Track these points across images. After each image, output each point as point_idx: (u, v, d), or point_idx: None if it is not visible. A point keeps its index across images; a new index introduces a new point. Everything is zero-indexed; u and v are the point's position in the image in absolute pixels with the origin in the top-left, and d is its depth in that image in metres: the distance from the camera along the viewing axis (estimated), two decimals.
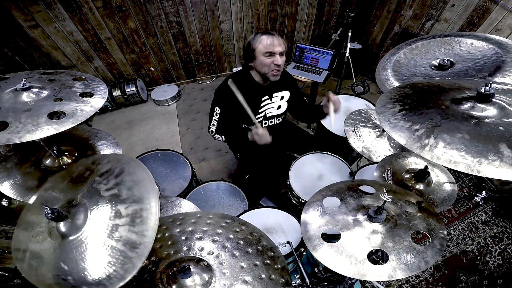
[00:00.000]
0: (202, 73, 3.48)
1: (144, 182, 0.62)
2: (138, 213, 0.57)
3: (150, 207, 0.58)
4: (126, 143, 2.69)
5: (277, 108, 1.53)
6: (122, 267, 0.52)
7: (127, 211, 0.58)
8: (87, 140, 1.10)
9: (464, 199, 2.08)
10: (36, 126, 0.71)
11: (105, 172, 0.66)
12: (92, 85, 0.92)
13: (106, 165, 0.68)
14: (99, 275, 0.51)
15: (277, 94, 1.48)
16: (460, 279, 1.69)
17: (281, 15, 3.13)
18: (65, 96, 0.84)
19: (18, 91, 0.80)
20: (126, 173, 0.64)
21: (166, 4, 2.63)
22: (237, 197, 1.46)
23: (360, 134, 1.44)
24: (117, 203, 0.60)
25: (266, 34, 1.26)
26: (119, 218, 0.57)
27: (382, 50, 3.19)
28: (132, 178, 0.63)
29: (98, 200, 0.61)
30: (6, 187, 0.89)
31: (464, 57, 0.94)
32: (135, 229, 0.55)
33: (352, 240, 0.73)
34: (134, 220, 0.57)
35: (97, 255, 0.54)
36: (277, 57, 1.27)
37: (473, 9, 2.19)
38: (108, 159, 0.70)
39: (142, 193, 0.60)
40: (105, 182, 0.64)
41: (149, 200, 0.59)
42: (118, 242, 0.54)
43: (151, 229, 0.55)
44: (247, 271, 0.67)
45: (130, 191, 0.61)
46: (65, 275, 0.52)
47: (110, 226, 0.57)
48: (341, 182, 0.95)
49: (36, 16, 2.29)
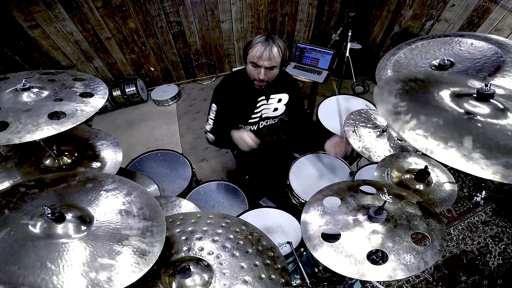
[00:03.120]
0: (202, 73, 3.48)
1: (151, 206, 0.66)
2: (148, 228, 0.60)
3: (161, 224, 0.62)
4: (126, 143, 2.69)
5: (273, 110, 1.49)
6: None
7: (138, 225, 0.61)
8: (87, 140, 1.10)
9: (464, 199, 2.08)
10: (36, 126, 0.71)
11: (113, 189, 0.69)
12: (92, 85, 0.92)
13: (112, 184, 0.70)
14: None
15: (274, 96, 1.44)
16: (460, 279, 1.69)
17: (281, 15, 3.13)
18: (65, 96, 0.84)
19: (18, 91, 0.80)
20: (135, 196, 0.68)
21: (166, 4, 2.63)
22: (237, 197, 1.46)
23: (360, 134, 1.44)
24: (128, 217, 0.62)
25: (262, 44, 1.17)
26: (130, 230, 0.59)
27: (382, 50, 3.19)
28: (140, 200, 0.67)
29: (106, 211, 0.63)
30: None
31: (464, 57, 0.94)
32: (146, 240, 0.57)
33: (352, 240, 0.73)
34: (145, 233, 0.59)
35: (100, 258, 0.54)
36: (261, 71, 1.21)
37: (473, 9, 2.19)
38: (113, 179, 0.72)
39: (152, 214, 0.64)
40: (115, 196, 0.67)
41: (158, 219, 0.62)
42: (126, 248, 0.55)
43: (160, 241, 0.58)
44: (247, 271, 0.67)
45: (141, 210, 0.64)
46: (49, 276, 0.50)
47: (119, 235, 0.58)
48: (342, 182, 0.95)
49: (36, 16, 2.29)
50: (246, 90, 1.37)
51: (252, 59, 1.20)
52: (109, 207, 0.64)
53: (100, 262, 0.51)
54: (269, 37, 1.20)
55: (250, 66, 1.24)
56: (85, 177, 0.71)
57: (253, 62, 1.21)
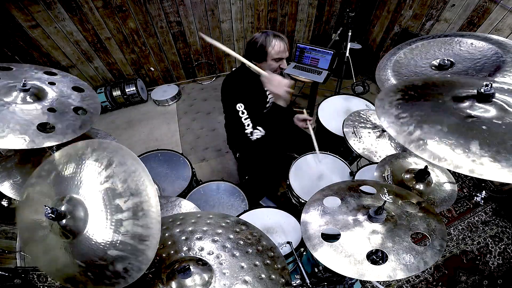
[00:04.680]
0: (202, 73, 3.48)
1: (137, 173, 0.59)
2: (139, 206, 0.56)
3: (149, 198, 0.56)
4: (126, 143, 2.68)
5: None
6: (136, 260, 0.53)
7: (127, 204, 0.57)
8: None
9: (464, 199, 2.08)
10: (24, 133, 0.70)
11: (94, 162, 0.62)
12: (87, 101, 0.92)
13: (92, 155, 0.63)
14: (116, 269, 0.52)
15: None
16: (460, 279, 1.69)
17: (281, 15, 3.13)
18: (60, 108, 0.83)
19: (17, 90, 0.79)
20: (116, 164, 0.60)
21: (166, 4, 2.63)
22: (237, 197, 1.45)
23: (360, 135, 1.44)
24: (115, 197, 0.58)
25: (277, 38, 1.27)
26: (121, 213, 0.56)
27: (382, 50, 3.18)
28: (123, 169, 0.59)
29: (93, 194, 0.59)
30: (6, 187, 0.89)
31: (464, 57, 0.94)
32: (140, 223, 0.55)
33: (352, 240, 0.73)
34: (137, 213, 0.56)
35: (108, 250, 0.54)
36: (284, 62, 1.32)
37: (473, 9, 2.18)
38: (92, 146, 0.65)
39: (138, 184, 0.58)
40: (96, 175, 0.61)
41: (146, 191, 0.57)
42: (125, 237, 0.54)
43: (155, 221, 0.55)
44: (247, 271, 0.67)
45: (125, 183, 0.58)
46: (85, 272, 0.53)
47: (114, 222, 0.56)
48: (342, 182, 0.95)
49: (36, 16, 2.28)
50: (254, 84, 1.40)
51: (277, 55, 1.29)
52: (93, 188, 0.59)
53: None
54: (271, 32, 1.29)
55: (273, 62, 1.31)
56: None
57: (277, 58, 1.30)
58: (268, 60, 1.30)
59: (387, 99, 0.72)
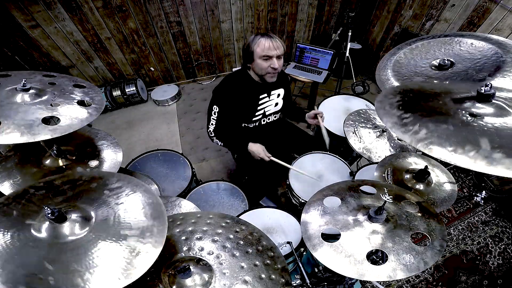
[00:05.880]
0: (202, 73, 3.48)
1: (154, 205, 0.65)
2: (149, 229, 0.59)
3: (162, 224, 0.61)
4: (126, 143, 2.69)
5: (274, 105, 1.56)
6: (125, 272, 0.52)
7: (137, 225, 0.60)
8: (87, 140, 1.10)
9: (464, 199, 2.08)
10: (29, 129, 0.70)
11: (115, 188, 0.68)
12: (91, 94, 0.92)
13: (117, 183, 0.70)
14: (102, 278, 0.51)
15: (274, 92, 1.51)
16: (460, 279, 1.69)
17: (281, 15, 3.13)
18: (63, 102, 0.83)
19: (17, 91, 0.79)
20: (137, 194, 0.67)
21: (166, 4, 2.63)
22: (237, 197, 1.45)
23: (361, 135, 1.44)
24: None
25: (265, 37, 1.25)
26: (129, 230, 0.58)
27: (382, 50, 3.19)
28: (144, 199, 0.66)
29: (105, 210, 0.63)
30: (6, 187, 0.89)
31: (464, 57, 0.94)
32: (144, 241, 0.57)
33: (352, 240, 0.73)
34: (144, 234, 0.58)
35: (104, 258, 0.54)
36: (274, 60, 1.28)
37: (473, 9, 2.19)
38: (118, 178, 0.72)
39: (153, 214, 0.63)
40: (115, 197, 0.66)
41: (159, 220, 0.61)
42: (125, 250, 0.55)
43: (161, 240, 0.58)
44: (247, 271, 0.67)
45: (143, 209, 0.63)
46: (45, 275, 0.50)
47: (117, 235, 0.57)
48: (342, 182, 0.95)
49: (36, 16, 2.29)
50: (247, 89, 1.41)
51: (263, 53, 1.25)
52: (111, 207, 0.63)
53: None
54: (263, 33, 1.27)
55: (261, 61, 1.28)
56: (90, 176, 0.71)
57: (264, 56, 1.26)
58: (256, 59, 1.29)
59: (386, 101, 0.72)
